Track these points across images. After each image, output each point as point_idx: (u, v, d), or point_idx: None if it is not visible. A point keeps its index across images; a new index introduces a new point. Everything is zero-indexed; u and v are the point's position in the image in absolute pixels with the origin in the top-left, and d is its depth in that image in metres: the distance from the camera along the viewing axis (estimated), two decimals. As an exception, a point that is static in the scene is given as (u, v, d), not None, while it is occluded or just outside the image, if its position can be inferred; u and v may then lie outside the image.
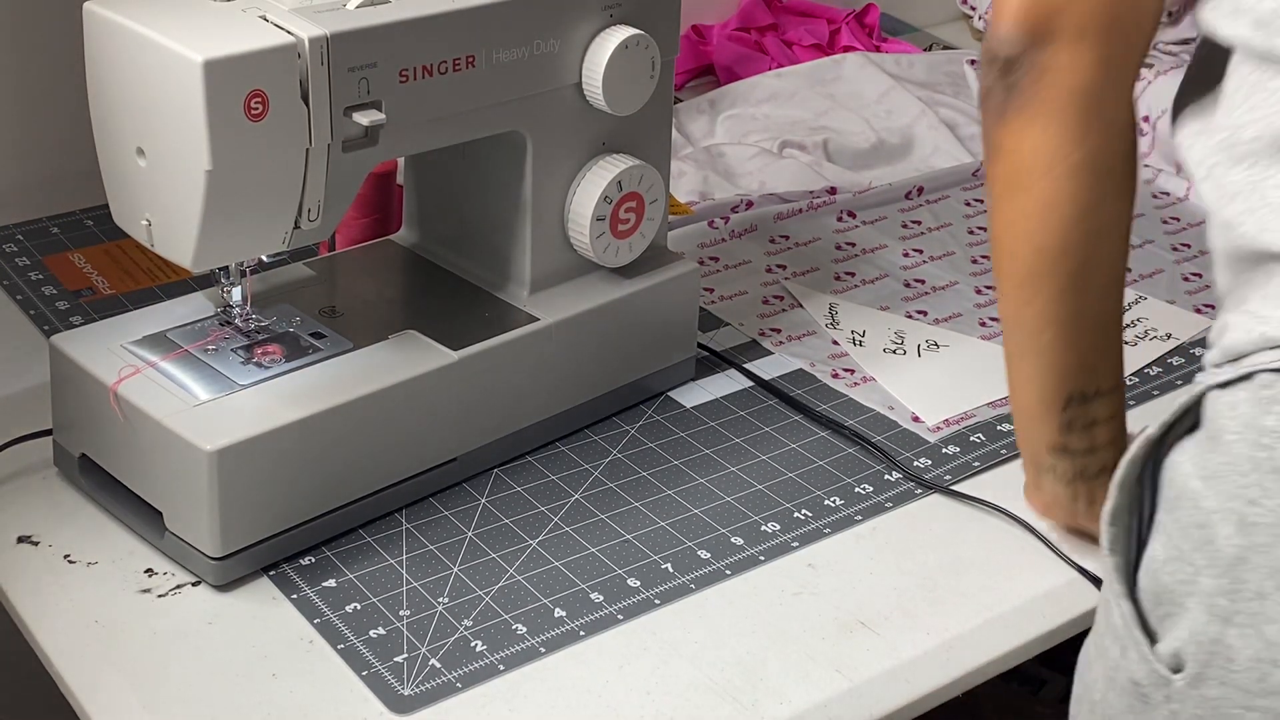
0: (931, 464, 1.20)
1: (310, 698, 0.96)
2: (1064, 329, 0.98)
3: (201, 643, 1.00)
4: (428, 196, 1.22)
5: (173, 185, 0.99)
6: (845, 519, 1.14)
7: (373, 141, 1.04)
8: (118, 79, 1.00)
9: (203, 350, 1.09)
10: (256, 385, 1.06)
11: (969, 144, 1.67)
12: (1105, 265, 0.97)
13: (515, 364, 1.14)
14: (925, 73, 1.80)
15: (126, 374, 1.05)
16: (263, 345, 1.10)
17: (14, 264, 1.37)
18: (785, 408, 1.25)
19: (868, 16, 1.91)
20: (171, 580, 1.04)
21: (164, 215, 1.01)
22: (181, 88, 0.95)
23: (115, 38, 0.99)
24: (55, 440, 1.12)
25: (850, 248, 1.49)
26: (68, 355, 1.08)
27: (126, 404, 1.04)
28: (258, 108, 0.97)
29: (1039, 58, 0.90)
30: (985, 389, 1.28)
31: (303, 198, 1.02)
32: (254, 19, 0.99)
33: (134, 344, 1.08)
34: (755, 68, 1.80)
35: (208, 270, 1.09)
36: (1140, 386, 1.30)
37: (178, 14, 0.99)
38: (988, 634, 1.05)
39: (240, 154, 0.97)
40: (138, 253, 1.40)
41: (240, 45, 0.96)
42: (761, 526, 1.12)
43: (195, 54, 0.94)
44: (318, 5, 1.01)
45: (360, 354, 1.10)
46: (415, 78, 1.04)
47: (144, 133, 1.00)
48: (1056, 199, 0.93)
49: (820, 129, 1.67)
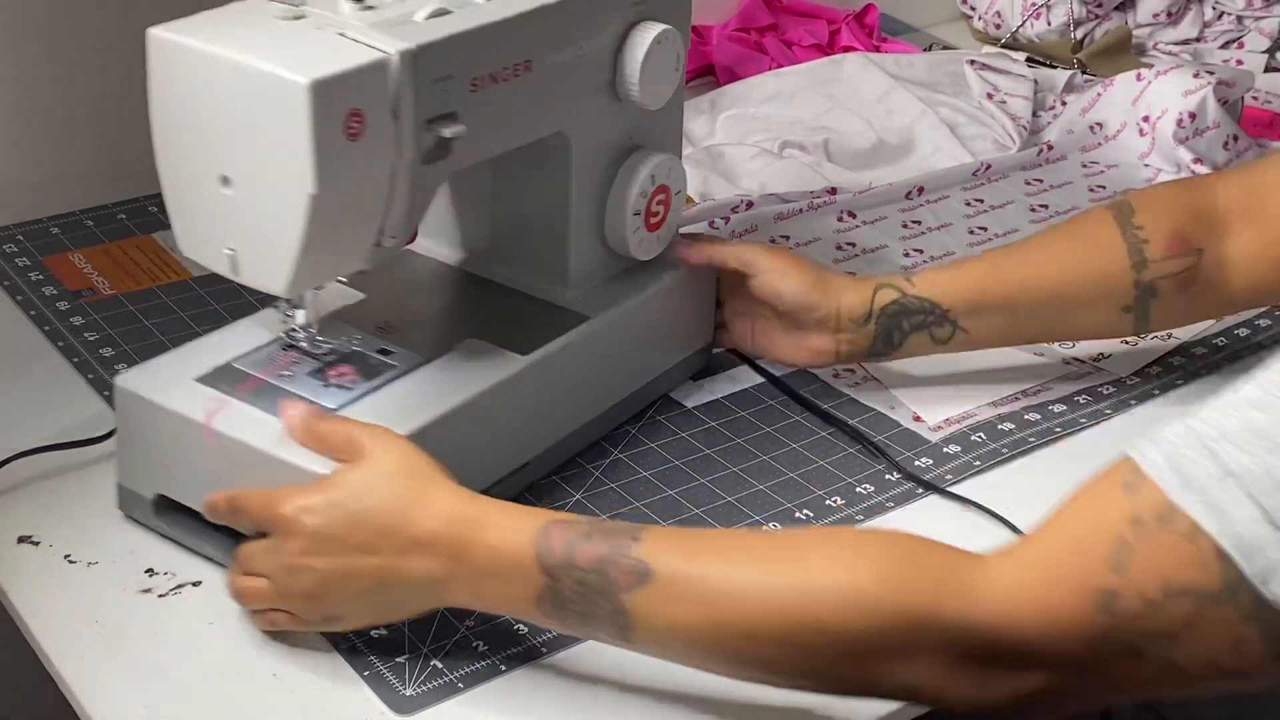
0: (933, 463, 1.20)
1: (311, 698, 0.96)
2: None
3: (202, 643, 1.00)
4: (457, 205, 1.22)
5: (265, 212, 0.96)
6: (846, 519, 1.14)
7: (447, 153, 1.02)
8: (196, 106, 0.97)
9: (277, 377, 1.06)
10: (346, 407, 1.03)
11: (969, 144, 1.67)
12: None
13: (577, 363, 1.14)
14: (925, 73, 1.80)
15: (213, 408, 1.02)
16: (333, 366, 1.07)
17: (14, 264, 1.37)
18: (785, 408, 1.25)
19: (868, 17, 1.91)
20: (172, 580, 1.04)
21: (253, 243, 0.98)
22: (281, 111, 0.92)
23: (193, 64, 0.96)
24: (122, 484, 1.08)
25: (850, 248, 1.49)
26: (141, 395, 1.04)
27: (223, 438, 1.01)
28: (355, 127, 0.94)
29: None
30: (986, 388, 1.28)
31: (387, 215, 1.00)
32: (333, 36, 0.97)
33: (204, 378, 1.05)
34: (755, 68, 1.79)
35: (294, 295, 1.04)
36: (1141, 386, 1.30)
37: (256, 35, 0.96)
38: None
39: (340, 175, 0.95)
40: (138, 253, 1.40)
41: (338, 64, 0.94)
42: (762, 527, 1.12)
43: (298, 76, 0.91)
44: (387, 19, 0.99)
45: (434, 367, 1.08)
46: (484, 86, 1.03)
47: (230, 160, 0.96)
48: None
49: (820, 129, 1.66)
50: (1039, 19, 1.93)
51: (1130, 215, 1.21)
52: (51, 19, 1.42)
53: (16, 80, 1.42)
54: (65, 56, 1.44)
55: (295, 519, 0.94)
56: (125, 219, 1.45)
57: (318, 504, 0.94)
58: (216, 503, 0.99)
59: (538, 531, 0.91)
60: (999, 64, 1.80)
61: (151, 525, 1.07)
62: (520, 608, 0.93)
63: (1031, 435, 1.24)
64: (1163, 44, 1.96)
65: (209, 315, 1.31)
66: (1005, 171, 1.64)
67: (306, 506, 0.94)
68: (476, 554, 0.92)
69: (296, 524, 0.94)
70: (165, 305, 1.32)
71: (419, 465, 0.95)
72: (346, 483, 0.94)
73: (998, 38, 1.97)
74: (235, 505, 0.98)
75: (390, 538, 0.93)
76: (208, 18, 0.99)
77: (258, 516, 0.96)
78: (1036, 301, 1.21)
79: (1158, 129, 1.66)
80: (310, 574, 0.94)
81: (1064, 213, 1.57)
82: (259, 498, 0.96)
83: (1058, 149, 1.69)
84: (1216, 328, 1.39)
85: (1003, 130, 1.69)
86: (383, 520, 0.93)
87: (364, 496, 0.93)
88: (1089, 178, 1.65)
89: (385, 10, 1.00)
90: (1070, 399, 1.28)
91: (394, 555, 0.93)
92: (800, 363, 1.25)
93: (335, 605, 0.96)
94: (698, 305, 1.26)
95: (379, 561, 0.93)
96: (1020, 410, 1.26)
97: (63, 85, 1.44)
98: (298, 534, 0.94)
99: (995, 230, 1.53)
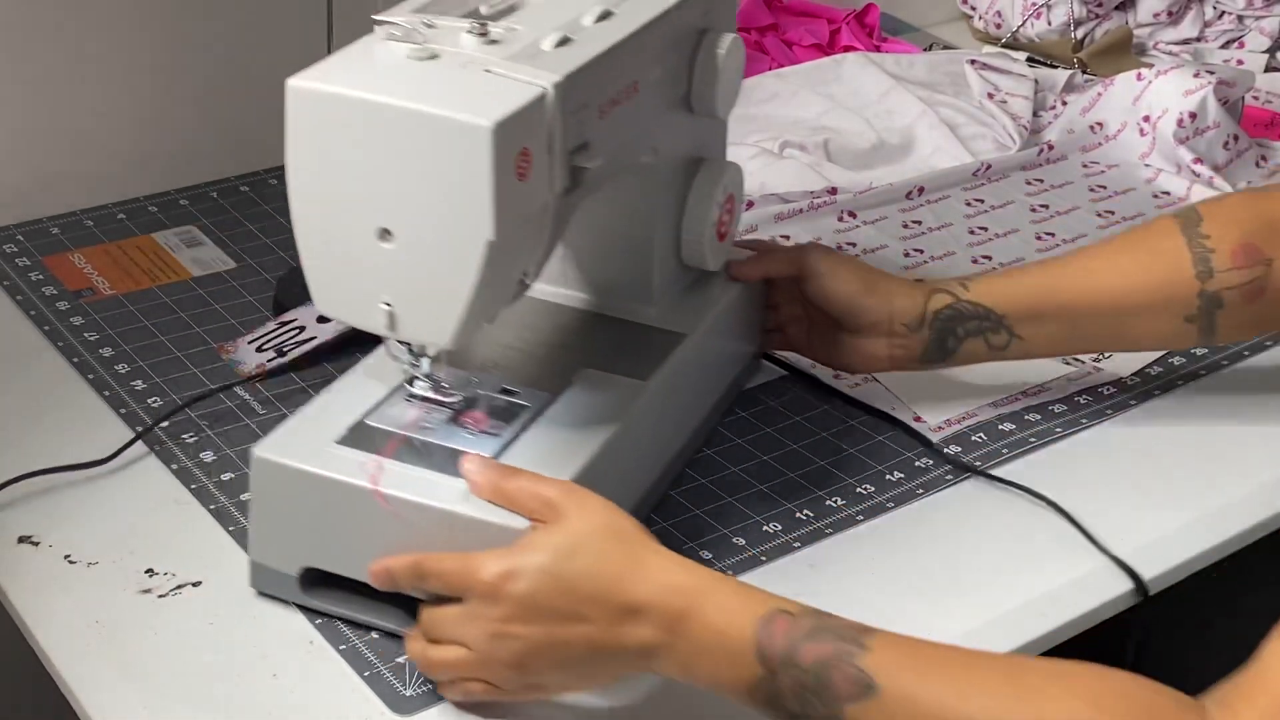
0: (933, 464, 1.20)
1: (311, 698, 0.96)
2: None
3: (202, 643, 1.00)
4: None
5: (431, 262, 0.92)
6: (847, 519, 1.14)
7: (580, 183, 0.97)
8: (351, 158, 0.91)
9: (419, 430, 1.01)
10: (503, 454, 1.00)
11: (969, 144, 1.66)
12: None
13: (684, 380, 1.13)
14: (925, 73, 1.80)
15: (374, 471, 0.97)
16: (465, 413, 1.03)
17: (14, 264, 1.37)
18: (787, 408, 1.25)
19: (868, 16, 1.91)
20: (172, 580, 1.04)
21: (414, 296, 0.93)
22: (459, 156, 0.88)
23: (347, 114, 0.90)
24: (258, 561, 1.02)
25: (850, 248, 1.49)
26: (287, 465, 0.99)
27: (398, 501, 0.96)
28: (524, 166, 0.90)
29: None
30: (986, 389, 1.28)
31: (535, 252, 0.97)
32: (481, 74, 0.92)
33: (345, 440, 1.00)
34: (755, 68, 1.79)
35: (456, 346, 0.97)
36: (1141, 386, 1.30)
37: (404, 79, 0.91)
38: (988, 634, 1.05)
39: (512, 217, 0.91)
40: (138, 253, 1.40)
41: (508, 103, 0.89)
42: (763, 527, 1.12)
43: (479, 119, 0.87)
44: (521, 51, 0.95)
45: (564, 402, 1.06)
46: (607, 111, 1.00)
47: (392, 211, 0.91)
48: None
49: (820, 129, 1.66)
50: (1039, 19, 1.93)
51: (1197, 224, 1.18)
52: (51, 19, 1.42)
53: (16, 81, 1.42)
54: (64, 57, 1.44)
55: (499, 585, 0.89)
56: (125, 219, 1.45)
57: (523, 568, 0.89)
58: (394, 570, 0.94)
59: (761, 619, 0.87)
60: (999, 64, 1.80)
61: (297, 601, 1.02)
62: (731, 691, 0.89)
63: (1032, 436, 1.24)
64: (1163, 44, 1.95)
65: (209, 315, 1.31)
66: (1005, 171, 1.64)
67: (510, 571, 0.89)
68: (694, 629, 0.88)
69: (500, 590, 0.89)
70: (165, 305, 1.32)
71: (624, 527, 0.91)
72: (550, 545, 0.90)
73: (998, 37, 1.97)
74: (421, 571, 0.92)
75: (603, 605, 0.88)
76: (338, 64, 0.93)
77: (452, 582, 0.91)
78: (1096, 310, 1.19)
79: (1158, 129, 1.66)
80: (516, 642, 0.90)
81: (1064, 213, 1.57)
82: (453, 563, 0.91)
83: (1058, 149, 1.68)
84: (1217, 328, 1.39)
85: (1003, 130, 1.69)
86: (595, 586, 0.88)
87: (572, 560, 0.89)
88: (1089, 178, 1.65)
89: (512, 42, 0.96)
90: (1070, 399, 1.28)
91: (607, 624, 0.88)
92: (854, 368, 1.23)
93: (540, 674, 0.91)
94: (757, 310, 1.26)
95: (591, 630, 0.89)
96: (1020, 410, 1.26)
97: (62, 85, 1.44)
98: (503, 600, 0.89)
99: (995, 230, 1.53)
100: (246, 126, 1.46)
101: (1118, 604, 1.10)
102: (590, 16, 1.01)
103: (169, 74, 1.49)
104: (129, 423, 1.18)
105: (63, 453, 1.13)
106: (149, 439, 1.16)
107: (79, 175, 1.46)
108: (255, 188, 1.51)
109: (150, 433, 1.16)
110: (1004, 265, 1.47)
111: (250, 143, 1.48)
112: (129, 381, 1.22)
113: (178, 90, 1.50)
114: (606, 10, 1.02)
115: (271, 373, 1.23)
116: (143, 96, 1.49)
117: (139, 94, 1.49)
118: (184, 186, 1.50)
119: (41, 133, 1.45)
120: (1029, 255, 1.49)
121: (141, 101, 1.49)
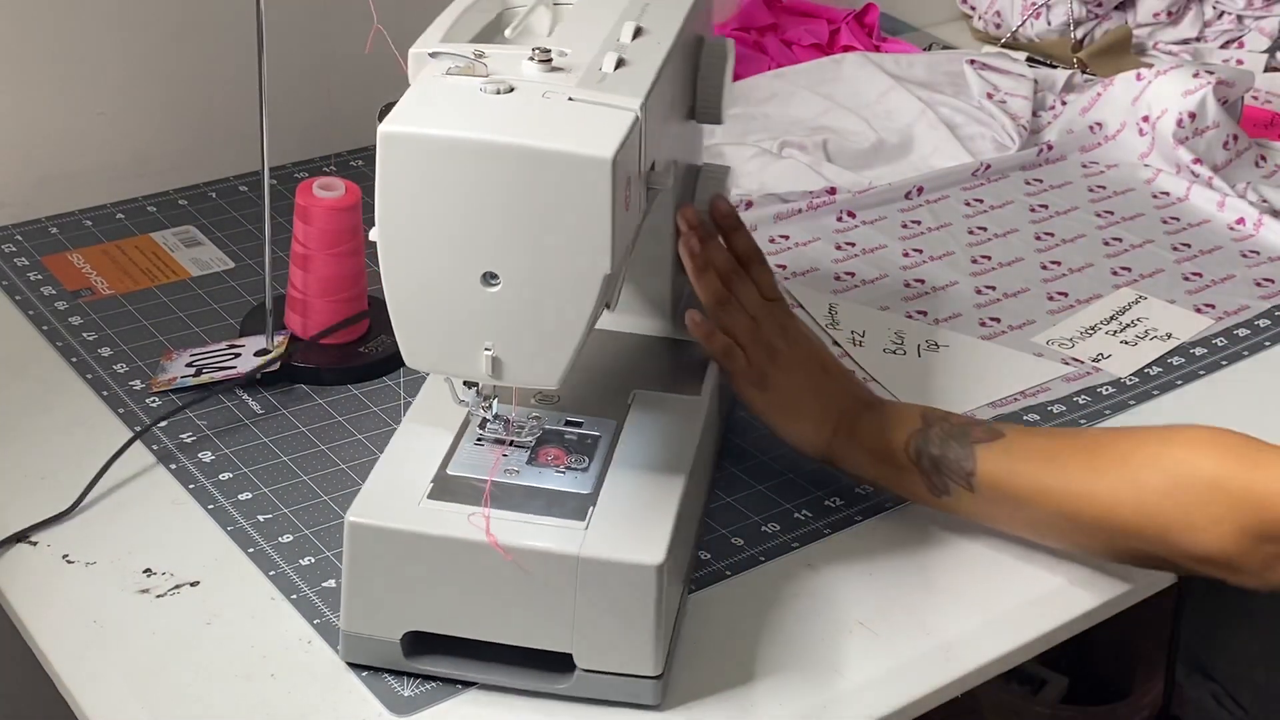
0: (931, 464, 1.20)
1: (310, 698, 0.96)
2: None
3: (201, 643, 1.00)
4: None
5: (541, 303, 0.89)
6: (845, 519, 1.14)
7: (641, 204, 0.96)
8: (451, 202, 0.87)
9: (506, 474, 0.99)
10: (602, 488, 0.98)
11: (969, 144, 1.67)
12: None
13: (720, 391, 1.13)
14: (925, 73, 1.80)
15: (480, 523, 0.94)
16: (541, 450, 1.01)
17: (13, 264, 1.37)
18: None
19: (867, 16, 1.91)
20: (170, 580, 1.04)
21: (521, 339, 0.90)
22: (575, 190, 0.86)
23: (446, 156, 0.87)
24: (351, 633, 0.97)
25: (850, 248, 1.49)
26: (387, 528, 0.95)
27: (521, 551, 0.93)
28: (628, 194, 0.89)
29: None
30: (985, 389, 1.28)
31: (619, 280, 0.96)
32: (567, 103, 0.90)
33: (435, 495, 0.97)
34: (755, 68, 1.79)
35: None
36: (1140, 386, 1.30)
37: (499, 115, 0.88)
38: (987, 634, 1.05)
39: (621, 248, 0.89)
40: (136, 253, 1.40)
41: (614, 132, 0.87)
42: (761, 527, 1.12)
43: (598, 151, 0.85)
44: (588, 76, 0.93)
45: (632, 427, 1.04)
46: (656, 129, 0.97)
47: (498, 253, 0.88)
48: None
49: (820, 129, 1.66)
50: (1039, 19, 1.93)
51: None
52: (50, 20, 1.42)
53: (16, 81, 1.42)
54: (63, 58, 1.44)
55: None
56: (124, 219, 1.45)
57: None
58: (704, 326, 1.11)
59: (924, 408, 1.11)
60: (999, 64, 1.80)
61: (397, 668, 0.98)
62: (888, 445, 1.08)
63: (1031, 435, 1.23)
64: (1163, 44, 1.96)
65: (207, 315, 1.31)
66: (1005, 171, 1.64)
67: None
68: (881, 404, 1.13)
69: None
70: (163, 305, 1.32)
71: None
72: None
73: (998, 37, 1.97)
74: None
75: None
76: (418, 103, 0.90)
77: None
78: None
79: (1157, 129, 1.66)
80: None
81: (1063, 213, 1.57)
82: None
83: (1057, 149, 1.69)
84: (1216, 327, 1.39)
85: (1002, 130, 1.69)
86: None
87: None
88: (1089, 178, 1.65)
89: (574, 68, 0.94)
90: (1070, 399, 1.28)
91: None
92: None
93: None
94: None
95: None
96: (1020, 410, 1.26)
97: (62, 85, 1.44)
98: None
99: (994, 230, 1.53)
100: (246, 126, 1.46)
101: (1118, 604, 1.10)
102: (627, 34, 1.00)
103: (169, 74, 1.49)
104: (128, 422, 1.18)
105: (63, 452, 1.14)
106: (147, 439, 1.16)
107: (78, 175, 1.46)
108: (254, 188, 1.50)
109: (149, 433, 1.16)
110: (1003, 265, 1.47)
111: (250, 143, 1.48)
112: (127, 381, 1.22)
113: (177, 90, 1.50)
114: (638, 26, 1.01)
115: (176, 390, 1.20)
116: (142, 96, 1.49)
117: (139, 94, 1.49)
118: (182, 186, 1.50)
119: (41, 133, 1.45)
120: (1028, 255, 1.49)
121: (141, 101, 1.49)
